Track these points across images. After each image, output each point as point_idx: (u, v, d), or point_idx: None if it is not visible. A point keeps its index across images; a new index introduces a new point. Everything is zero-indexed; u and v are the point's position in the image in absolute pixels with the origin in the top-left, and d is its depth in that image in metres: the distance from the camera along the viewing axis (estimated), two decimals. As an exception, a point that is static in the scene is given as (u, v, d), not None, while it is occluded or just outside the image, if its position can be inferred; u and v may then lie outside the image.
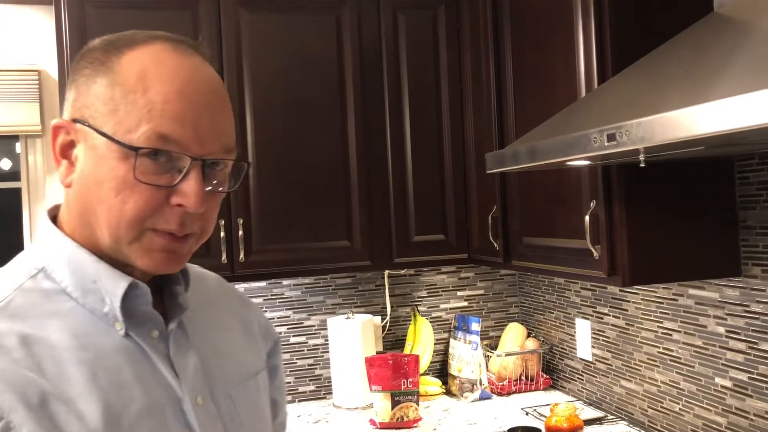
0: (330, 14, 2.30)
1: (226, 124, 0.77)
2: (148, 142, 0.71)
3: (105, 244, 0.75)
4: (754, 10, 1.23)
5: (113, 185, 0.71)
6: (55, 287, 0.75)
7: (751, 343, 1.62)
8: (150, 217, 0.72)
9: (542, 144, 1.37)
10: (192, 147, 0.72)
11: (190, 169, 0.72)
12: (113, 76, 0.73)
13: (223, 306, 0.94)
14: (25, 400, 0.66)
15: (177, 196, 0.72)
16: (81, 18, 2.06)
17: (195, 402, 0.78)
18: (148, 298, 0.76)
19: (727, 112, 0.89)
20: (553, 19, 1.79)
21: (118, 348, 0.74)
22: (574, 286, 2.36)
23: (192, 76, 0.74)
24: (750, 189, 1.60)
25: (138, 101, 0.71)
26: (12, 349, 0.69)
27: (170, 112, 0.71)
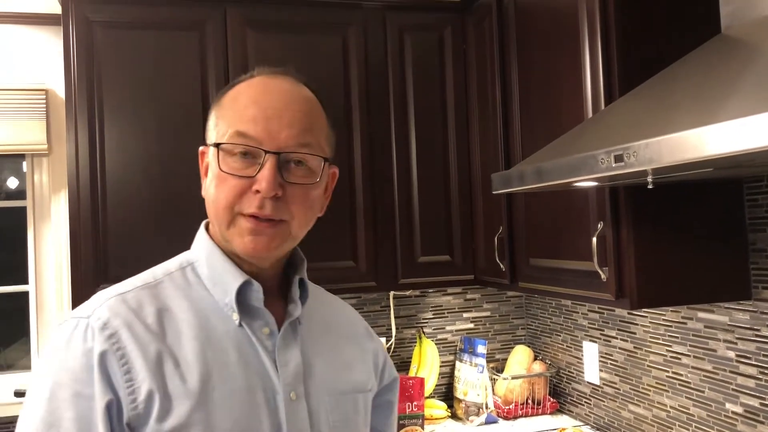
0: (336, 35, 2.31)
1: (301, 124, 0.90)
2: (228, 139, 0.88)
3: (219, 237, 0.92)
4: (762, 32, 1.23)
5: (214, 182, 0.90)
6: (197, 279, 0.93)
7: (762, 368, 1.59)
8: (237, 203, 0.87)
9: (549, 165, 1.36)
10: (265, 141, 0.87)
11: (265, 161, 0.87)
12: (220, 102, 0.93)
13: (347, 331, 1.07)
14: (145, 353, 0.84)
15: (256, 183, 0.86)
16: (89, 38, 2.08)
17: (288, 396, 0.89)
18: (260, 295, 0.91)
19: (736, 133, 0.88)
20: (559, 40, 1.79)
21: (230, 334, 0.89)
22: (582, 308, 2.33)
23: (271, 88, 0.91)
24: (759, 211, 1.58)
25: (227, 115, 0.90)
26: (147, 316, 0.87)
27: (246, 116, 0.88)
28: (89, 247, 2.06)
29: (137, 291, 0.90)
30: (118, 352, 0.83)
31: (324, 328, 1.01)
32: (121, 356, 0.83)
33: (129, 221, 2.08)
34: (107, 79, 2.09)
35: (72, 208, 2.07)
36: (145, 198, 2.09)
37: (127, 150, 2.10)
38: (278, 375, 0.89)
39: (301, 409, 0.90)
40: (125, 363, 0.83)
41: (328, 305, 1.08)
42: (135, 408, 0.81)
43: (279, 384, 0.89)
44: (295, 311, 0.94)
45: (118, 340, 0.83)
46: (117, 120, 2.10)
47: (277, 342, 0.91)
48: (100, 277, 2.05)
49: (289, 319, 0.93)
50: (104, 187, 2.08)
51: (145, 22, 2.13)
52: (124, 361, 0.83)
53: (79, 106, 2.07)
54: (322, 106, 0.98)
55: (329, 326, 1.03)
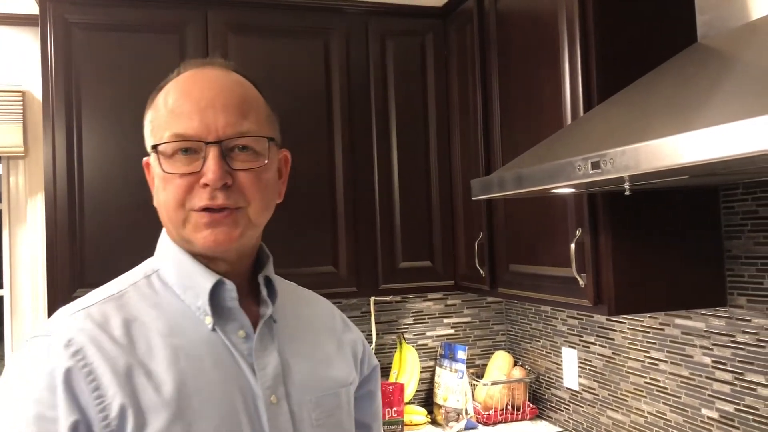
0: (318, 40, 2.30)
1: (237, 111, 0.87)
2: (166, 139, 0.85)
3: (177, 238, 0.90)
4: (738, 41, 1.24)
5: (160, 185, 0.88)
6: (164, 285, 0.90)
7: (737, 374, 1.60)
8: (187, 201, 0.85)
9: (528, 171, 1.37)
10: (203, 135, 0.85)
11: (207, 153, 0.85)
12: (152, 105, 0.90)
13: (323, 325, 1.05)
14: (113, 368, 0.80)
15: (203, 177, 0.85)
16: (67, 40, 2.06)
17: (269, 400, 0.87)
18: (234, 294, 0.89)
19: (711, 141, 0.89)
20: (539, 47, 1.80)
21: (204, 340, 0.86)
22: (561, 314, 2.34)
23: (201, 80, 0.88)
24: (735, 219, 1.60)
25: (160, 115, 0.88)
26: (114, 328, 0.84)
27: (180, 114, 0.86)
28: (66, 252, 2.03)
29: (101, 304, 0.87)
30: (85, 369, 0.79)
31: (300, 325, 0.99)
32: (88, 373, 0.79)
33: (107, 225, 2.06)
34: (85, 81, 2.07)
35: (48, 211, 2.04)
36: (123, 202, 2.07)
37: (105, 153, 2.08)
38: (257, 379, 0.87)
39: (282, 411, 0.88)
40: (93, 380, 0.79)
41: (302, 301, 1.05)
42: (108, 425, 0.78)
43: (258, 388, 0.86)
44: (267, 311, 0.92)
45: (83, 357, 0.80)
46: (95, 123, 2.08)
47: (254, 344, 0.88)
48: (76, 282, 2.02)
49: (262, 320, 0.91)
50: (82, 190, 2.06)
51: (124, 24, 2.11)
52: (91, 378, 0.79)
53: (56, 108, 2.04)
54: (258, 90, 0.94)
55: (305, 322, 1.01)
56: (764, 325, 1.53)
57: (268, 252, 0.99)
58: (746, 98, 0.96)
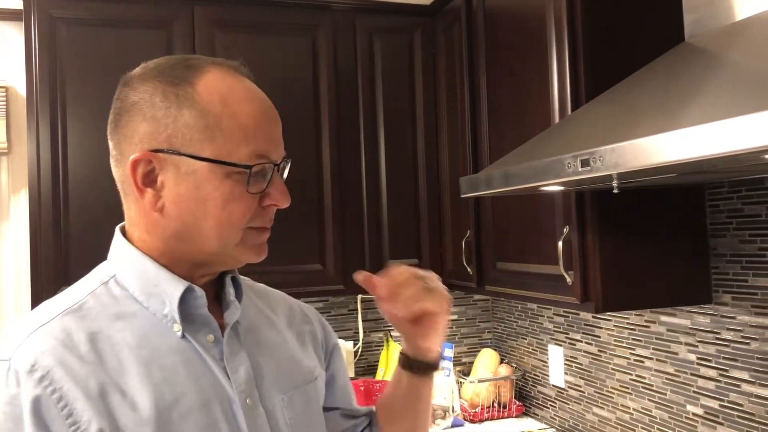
0: (306, 37, 2.30)
1: (281, 132, 0.88)
2: (251, 161, 0.81)
3: (209, 252, 0.84)
4: (724, 41, 1.25)
5: (220, 201, 0.81)
6: (124, 292, 0.85)
7: (721, 371, 1.62)
8: (250, 220, 0.83)
9: (516, 169, 1.37)
10: (275, 157, 0.85)
11: (274, 174, 0.84)
12: (199, 106, 0.81)
13: (283, 319, 1.02)
14: (86, 390, 0.75)
15: (267, 198, 0.84)
16: (51, 35, 2.03)
17: (245, 403, 0.84)
18: (204, 301, 0.85)
19: (699, 139, 0.89)
20: (527, 46, 1.81)
21: (175, 348, 0.82)
22: (547, 312, 2.35)
23: (257, 96, 0.87)
24: (720, 217, 1.62)
25: (232, 126, 0.82)
26: (79, 344, 0.78)
27: (261, 134, 0.83)
28: (50, 249, 2.01)
29: (61, 318, 0.80)
30: (54, 395, 0.74)
31: (263, 324, 0.97)
32: (59, 399, 0.74)
33: (92, 222, 2.04)
34: (70, 76, 2.05)
35: (32, 208, 2.02)
36: (108, 199, 2.02)
37: (90, 149, 2.06)
38: (231, 383, 0.84)
39: (258, 414, 0.86)
40: (65, 406, 0.74)
41: (261, 297, 1.02)
42: None
43: (233, 392, 0.84)
44: (235, 313, 0.89)
45: (51, 382, 0.74)
46: (80, 119, 2.06)
47: (224, 348, 0.86)
48: (60, 280, 2.00)
49: (230, 323, 0.88)
50: (66, 187, 2.03)
51: (110, 19, 2.09)
52: (63, 404, 0.74)
53: (40, 104, 2.02)
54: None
55: (267, 320, 0.98)
56: (748, 322, 1.54)
57: None
58: (732, 97, 0.97)
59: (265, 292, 1.05)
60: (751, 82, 0.99)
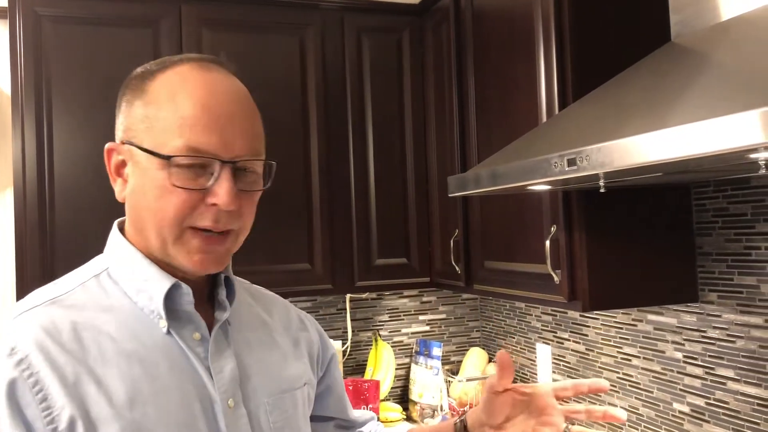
0: (294, 36, 2.29)
1: (251, 130, 0.85)
2: (180, 152, 0.80)
3: (155, 247, 0.84)
4: (710, 41, 1.26)
5: (156, 192, 0.81)
6: (115, 286, 0.86)
7: (707, 369, 1.63)
8: (188, 217, 0.81)
9: (504, 168, 1.37)
10: (220, 153, 0.81)
11: (220, 172, 0.81)
12: (147, 97, 0.83)
13: (279, 324, 1.01)
14: (62, 377, 0.76)
15: (211, 196, 0.81)
16: (36, 33, 2.01)
17: (227, 404, 0.84)
18: (190, 298, 0.85)
19: (685, 138, 0.90)
20: (515, 46, 1.81)
21: (159, 344, 0.83)
22: (535, 311, 2.36)
23: (215, 89, 0.83)
24: (706, 216, 1.63)
25: (169, 118, 0.81)
26: (61, 333, 0.79)
27: (198, 126, 0.80)
28: (35, 248, 1.99)
29: (48, 306, 0.82)
30: (30, 378, 0.75)
31: (255, 326, 0.97)
32: (35, 383, 0.75)
33: (78, 222, 2.03)
34: (56, 75, 2.03)
35: (18, 207, 2.00)
36: (95, 198, 2.04)
37: (76, 148, 2.04)
38: (214, 383, 0.84)
39: (240, 415, 0.85)
40: (40, 390, 0.75)
41: (258, 300, 1.03)
42: None
43: (215, 392, 0.84)
44: (224, 314, 0.89)
45: (29, 366, 0.75)
46: (66, 118, 2.04)
47: (210, 348, 0.85)
48: (46, 280, 1.95)
49: (218, 323, 0.88)
50: (52, 186, 2.02)
51: (96, 17, 2.07)
52: (38, 389, 0.75)
53: (26, 102, 2.00)
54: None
55: (261, 323, 0.98)
56: (734, 320, 1.55)
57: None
58: (718, 97, 0.98)
59: (263, 295, 1.06)
60: (736, 81, 0.99)
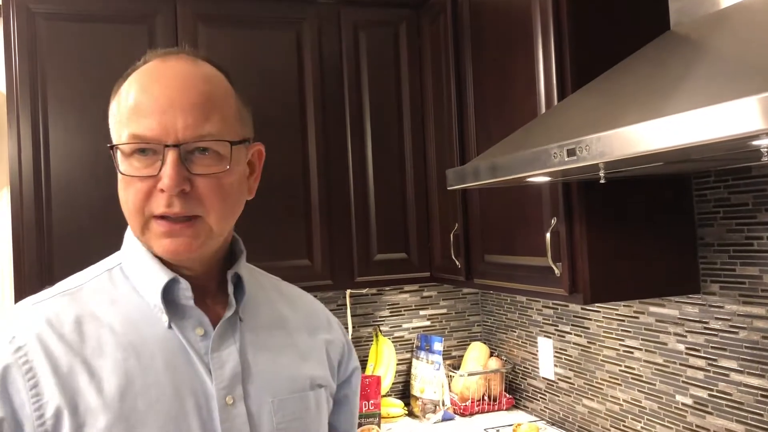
0: (290, 30, 2.28)
1: (202, 111, 0.82)
2: (125, 139, 0.81)
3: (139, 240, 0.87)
4: (709, 29, 1.25)
5: (120, 185, 0.84)
6: (125, 280, 0.88)
7: (710, 360, 1.62)
8: (147, 205, 0.81)
9: (503, 160, 1.36)
10: (162, 137, 0.80)
11: (165, 156, 0.80)
12: (115, 97, 0.85)
13: (302, 324, 1.00)
14: (55, 367, 0.78)
15: (160, 182, 0.80)
16: (31, 30, 2.00)
17: (224, 401, 0.84)
18: (189, 293, 0.85)
19: (685, 126, 0.89)
20: (513, 36, 1.80)
21: (160, 338, 0.84)
22: (536, 304, 2.35)
23: (162, 75, 0.83)
24: (707, 206, 1.62)
25: (119, 112, 0.84)
26: (63, 324, 0.82)
27: (138, 113, 0.81)
28: (33, 248, 1.98)
29: (56, 298, 0.85)
30: (25, 366, 0.78)
31: (273, 323, 0.96)
32: (28, 370, 0.78)
33: (75, 221, 2.02)
34: (51, 73, 2.02)
35: (14, 207, 1.99)
36: (92, 196, 2.03)
37: (73, 147, 2.03)
38: (212, 378, 0.84)
39: (238, 413, 0.84)
40: (32, 377, 0.77)
41: (282, 297, 1.02)
42: (42, 425, 0.76)
43: (213, 388, 0.83)
44: (229, 310, 0.89)
45: (25, 354, 0.78)
46: (62, 116, 2.03)
47: (211, 343, 0.85)
48: (44, 279, 1.97)
49: (222, 319, 0.88)
50: (48, 185, 2.01)
51: (91, 14, 2.06)
52: (30, 376, 0.77)
53: (21, 100, 1.99)
54: (230, 81, 0.89)
55: (279, 320, 0.97)
56: (736, 311, 1.54)
57: (242, 247, 0.95)
58: (718, 84, 0.97)
59: (293, 293, 1.06)
60: (735, 69, 0.98)
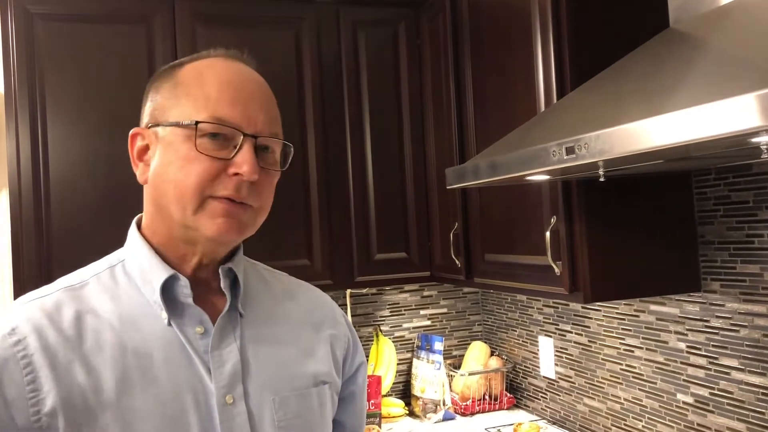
0: (289, 30, 2.27)
1: (272, 113, 0.89)
2: (206, 119, 0.82)
3: (176, 221, 0.84)
4: (708, 26, 1.24)
5: (179, 163, 0.83)
6: (127, 277, 0.88)
7: (711, 359, 1.61)
8: (209, 186, 0.82)
9: (502, 158, 1.36)
10: (243, 125, 0.83)
11: (243, 144, 0.83)
12: (175, 79, 0.87)
13: (306, 319, 0.99)
14: (53, 362, 0.78)
15: (233, 166, 0.82)
16: (29, 30, 2.00)
17: (224, 399, 0.83)
18: (188, 291, 0.85)
19: (684, 123, 0.88)
20: (512, 35, 1.79)
21: (158, 335, 0.83)
22: (537, 303, 2.35)
23: (239, 72, 0.88)
24: (708, 204, 1.61)
25: (197, 94, 0.84)
26: (63, 320, 0.81)
27: (223, 99, 0.83)
28: (32, 249, 1.98)
29: (59, 293, 0.85)
30: (23, 360, 0.77)
31: (275, 319, 0.95)
32: (27, 365, 0.77)
33: (74, 221, 2.01)
34: (49, 73, 2.01)
35: (13, 208, 1.99)
36: (90, 197, 2.02)
37: (71, 147, 2.03)
38: (212, 377, 0.83)
39: (239, 412, 0.84)
40: (30, 372, 0.77)
41: (286, 292, 1.02)
42: (38, 421, 0.76)
43: (212, 387, 0.83)
44: (225, 306, 0.88)
45: (24, 348, 0.78)
46: (60, 116, 2.02)
47: (211, 341, 0.85)
48: (43, 279, 1.96)
49: (220, 315, 0.87)
50: (47, 185, 2.00)
51: (89, 14, 2.06)
52: (28, 371, 0.77)
53: (19, 101, 1.99)
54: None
55: (282, 316, 0.96)
56: (737, 309, 1.54)
57: (240, 243, 0.94)
58: (717, 81, 0.96)
59: (295, 286, 1.05)
60: (735, 66, 0.98)
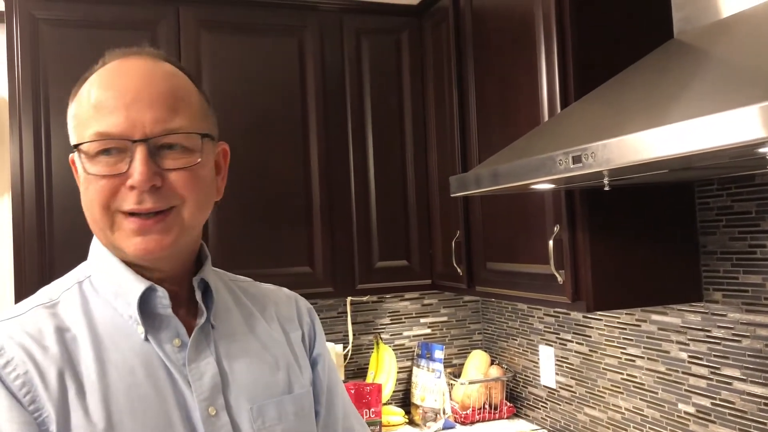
0: (292, 37, 2.28)
1: (164, 107, 0.81)
2: (89, 138, 0.80)
3: (104, 243, 0.85)
4: (712, 36, 1.25)
5: (83, 187, 0.83)
6: (95, 293, 0.86)
7: (713, 369, 1.61)
8: (113, 201, 0.80)
9: (506, 167, 1.36)
10: (129, 133, 0.79)
11: (134, 152, 0.79)
12: (71, 99, 0.85)
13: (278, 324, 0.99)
14: (43, 378, 0.76)
15: (129, 179, 0.79)
16: (34, 36, 2.00)
17: (207, 412, 0.82)
18: (166, 301, 0.84)
19: (692, 133, 0.89)
20: (516, 44, 1.80)
21: (137, 351, 0.82)
22: (538, 312, 2.35)
23: (126, 73, 0.82)
24: (710, 214, 1.62)
25: (85, 110, 0.82)
26: (46, 337, 0.80)
27: (105, 109, 0.80)
28: (34, 254, 1.97)
29: (33, 312, 0.82)
30: (17, 381, 0.76)
31: (245, 329, 0.94)
32: (22, 385, 0.76)
33: (76, 227, 2.00)
34: (54, 79, 2.02)
35: (16, 213, 1.99)
36: (93, 202, 2.02)
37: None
38: (191, 390, 0.82)
39: (222, 424, 0.83)
40: (28, 392, 0.75)
41: (256, 299, 1.00)
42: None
43: (194, 400, 0.82)
44: (201, 317, 0.87)
45: (15, 368, 0.76)
46: (64, 123, 2.00)
47: (188, 354, 0.84)
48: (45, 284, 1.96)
49: (196, 328, 0.86)
50: (50, 191, 2.00)
51: (93, 20, 2.06)
52: (26, 390, 0.75)
53: (23, 107, 1.99)
54: (192, 81, 0.88)
55: (253, 324, 0.95)
56: (739, 319, 1.54)
57: (207, 252, 0.94)
58: (721, 93, 0.97)
59: (263, 292, 1.03)
60: (739, 77, 0.99)
